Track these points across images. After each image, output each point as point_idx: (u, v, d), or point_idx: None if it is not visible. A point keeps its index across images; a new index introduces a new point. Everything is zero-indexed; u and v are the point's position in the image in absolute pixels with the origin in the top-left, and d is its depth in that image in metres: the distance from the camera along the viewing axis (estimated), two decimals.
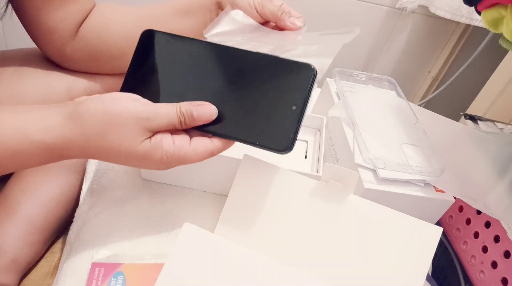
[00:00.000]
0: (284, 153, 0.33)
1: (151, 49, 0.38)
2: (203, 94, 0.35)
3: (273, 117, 0.33)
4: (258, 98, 0.34)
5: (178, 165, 0.34)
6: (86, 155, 0.33)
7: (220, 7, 0.47)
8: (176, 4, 0.49)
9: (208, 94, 0.35)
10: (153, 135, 0.33)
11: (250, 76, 0.34)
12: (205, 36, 0.43)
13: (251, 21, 0.45)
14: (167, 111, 0.33)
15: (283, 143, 0.32)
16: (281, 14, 0.44)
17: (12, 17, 0.49)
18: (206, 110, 0.34)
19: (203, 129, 0.34)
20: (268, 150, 0.33)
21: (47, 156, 0.32)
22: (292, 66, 0.33)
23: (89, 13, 0.49)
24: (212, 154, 0.34)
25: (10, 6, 0.46)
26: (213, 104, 0.34)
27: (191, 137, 0.34)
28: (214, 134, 0.34)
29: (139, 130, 0.32)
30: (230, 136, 0.34)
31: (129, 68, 0.38)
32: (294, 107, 0.32)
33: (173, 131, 0.34)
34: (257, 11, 0.44)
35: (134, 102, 0.33)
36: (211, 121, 0.34)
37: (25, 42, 0.54)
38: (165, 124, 0.33)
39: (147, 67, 0.38)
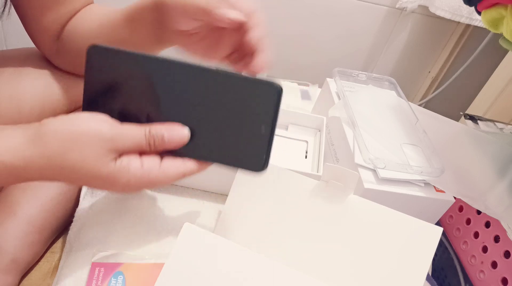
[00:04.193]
0: (259, 172, 0.33)
1: (104, 66, 0.34)
2: (169, 115, 0.33)
3: (243, 138, 0.33)
4: (226, 119, 0.33)
5: (148, 188, 0.32)
6: (48, 177, 0.31)
7: (159, 18, 0.39)
8: (125, 11, 0.43)
9: (175, 115, 0.33)
10: (119, 156, 0.31)
11: (215, 95, 0.33)
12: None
13: None
14: (134, 133, 0.31)
15: (256, 164, 0.32)
16: (214, 8, 0.35)
17: (12, 17, 0.49)
18: (178, 133, 0.32)
19: (174, 153, 0.33)
20: (243, 171, 0.33)
21: (6, 176, 0.31)
22: (256, 85, 0.32)
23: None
24: (184, 176, 0.33)
25: (8, 6, 0.46)
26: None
27: (161, 157, 0.33)
28: (185, 156, 0.33)
29: (102, 151, 0.30)
30: (203, 159, 0.33)
31: (84, 87, 0.34)
32: (263, 127, 0.32)
33: (142, 152, 0.32)
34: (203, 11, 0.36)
35: (99, 122, 0.31)
36: (182, 144, 0.33)
37: (25, 42, 0.54)
38: (132, 145, 0.31)
39: (104, 87, 0.34)
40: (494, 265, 0.44)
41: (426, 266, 0.37)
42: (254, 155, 0.32)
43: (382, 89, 0.60)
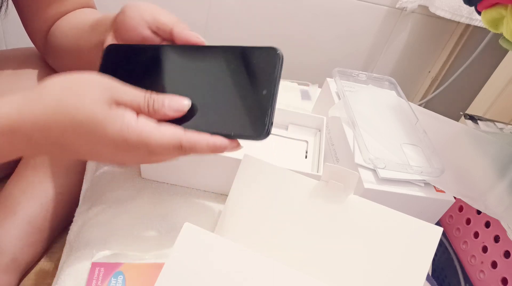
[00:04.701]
0: (261, 139, 0.31)
1: (116, 61, 0.38)
2: (174, 92, 0.34)
3: (245, 105, 0.32)
4: (228, 89, 0.33)
5: (139, 144, 0.30)
6: (41, 130, 0.29)
7: (114, 28, 0.39)
8: (92, 17, 0.44)
9: (178, 91, 0.34)
10: (116, 106, 0.30)
11: (217, 69, 0.34)
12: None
13: None
14: (135, 91, 0.31)
15: (258, 129, 0.31)
16: (176, 26, 0.36)
17: (12, 17, 0.49)
18: (178, 100, 0.32)
19: (174, 122, 0.33)
20: (246, 139, 0.32)
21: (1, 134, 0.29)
22: (257, 52, 0.33)
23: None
24: (180, 144, 0.31)
25: (5, 5, 0.47)
26: None
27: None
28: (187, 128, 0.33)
29: (100, 93, 0.29)
30: (203, 130, 0.33)
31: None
32: (264, 92, 0.32)
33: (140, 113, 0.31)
34: (149, 27, 0.37)
35: (102, 76, 0.31)
36: (182, 112, 0.32)
37: (25, 41, 0.54)
38: (130, 101, 0.30)
39: (115, 77, 0.36)
40: (494, 265, 0.44)
41: (426, 266, 0.37)
42: (256, 122, 0.32)
43: (382, 89, 0.60)
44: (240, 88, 0.33)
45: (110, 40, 0.38)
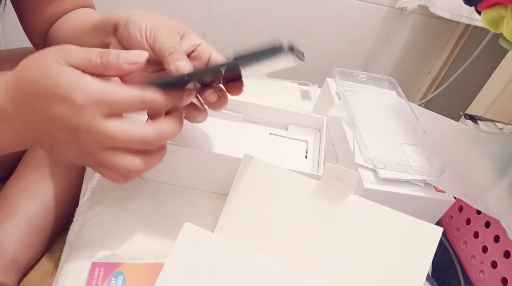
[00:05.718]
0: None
1: None
2: None
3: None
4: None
5: (99, 98, 0.28)
6: (11, 97, 0.29)
7: (115, 33, 0.38)
8: (93, 18, 0.44)
9: None
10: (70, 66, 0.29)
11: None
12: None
13: None
14: (90, 49, 0.29)
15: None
16: (169, 54, 0.34)
17: (12, 17, 0.49)
18: (135, 53, 0.30)
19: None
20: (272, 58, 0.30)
21: None
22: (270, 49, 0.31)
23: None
24: (143, 98, 0.29)
25: (3, 4, 0.47)
26: None
27: None
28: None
29: (53, 54, 0.29)
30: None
31: None
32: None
33: (98, 72, 0.29)
34: (147, 42, 0.35)
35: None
36: (138, 63, 0.30)
37: (25, 41, 0.54)
38: (81, 57, 0.29)
39: None
40: (494, 265, 0.44)
41: (426, 266, 0.37)
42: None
43: (382, 89, 0.60)
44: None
45: (114, 43, 0.38)
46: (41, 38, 0.50)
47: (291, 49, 0.29)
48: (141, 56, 0.30)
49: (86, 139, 0.29)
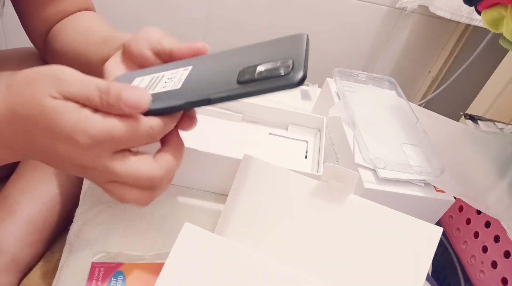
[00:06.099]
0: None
1: None
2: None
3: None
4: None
5: (102, 136, 0.26)
6: (7, 123, 0.27)
7: (122, 49, 0.37)
8: (102, 29, 0.44)
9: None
10: (64, 99, 0.27)
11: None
12: None
13: None
14: (87, 80, 0.27)
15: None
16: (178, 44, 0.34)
17: (12, 17, 0.49)
18: (138, 92, 0.28)
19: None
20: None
21: None
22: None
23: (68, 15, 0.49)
24: (150, 127, 0.28)
25: (2, 2, 0.47)
26: None
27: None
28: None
29: (46, 84, 0.26)
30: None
31: None
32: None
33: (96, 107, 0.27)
34: (152, 50, 0.35)
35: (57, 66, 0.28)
36: (143, 107, 0.27)
37: (25, 41, 0.54)
38: (78, 91, 0.26)
39: None
40: (494, 265, 0.44)
41: (426, 266, 0.37)
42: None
43: (382, 89, 0.60)
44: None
45: (117, 57, 0.36)
46: (41, 38, 0.50)
47: (303, 80, 0.29)
48: (143, 100, 0.28)
49: (92, 173, 0.29)
